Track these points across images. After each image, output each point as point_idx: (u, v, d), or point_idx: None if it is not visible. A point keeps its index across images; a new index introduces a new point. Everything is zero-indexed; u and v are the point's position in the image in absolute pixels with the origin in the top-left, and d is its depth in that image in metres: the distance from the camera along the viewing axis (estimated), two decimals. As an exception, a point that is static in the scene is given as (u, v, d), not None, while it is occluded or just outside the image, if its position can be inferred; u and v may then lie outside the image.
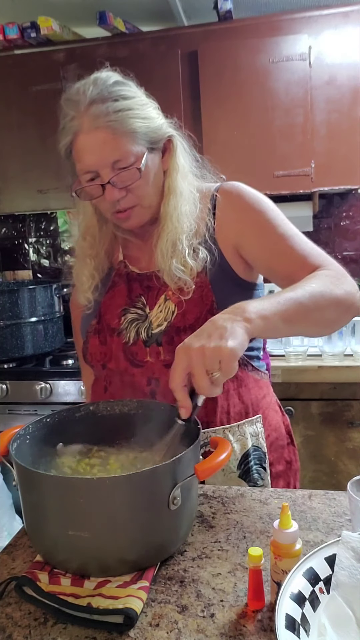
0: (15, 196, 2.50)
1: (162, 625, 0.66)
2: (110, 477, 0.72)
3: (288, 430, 1.19)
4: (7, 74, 2.39)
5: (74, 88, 0.98)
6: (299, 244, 1.01)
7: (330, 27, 2.14)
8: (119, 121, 0.94)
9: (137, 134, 0.96)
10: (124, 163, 0.96)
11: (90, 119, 0.94)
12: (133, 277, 1.10)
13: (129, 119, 0.95)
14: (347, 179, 2.20)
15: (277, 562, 0.66)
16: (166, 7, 2.36)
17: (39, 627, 0.67)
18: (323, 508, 0.90)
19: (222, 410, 1.06)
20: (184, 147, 1.06)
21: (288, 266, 1.00)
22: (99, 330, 1.10)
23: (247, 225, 1.04)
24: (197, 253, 1.02)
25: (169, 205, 1.03)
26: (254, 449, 1.09)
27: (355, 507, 0.72)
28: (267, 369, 1.19)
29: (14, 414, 2.18)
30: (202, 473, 0.72)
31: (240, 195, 1.05)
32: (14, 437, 0.81)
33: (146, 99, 1.01)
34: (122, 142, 0.95)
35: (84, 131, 0.95)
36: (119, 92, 0.96)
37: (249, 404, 1.09)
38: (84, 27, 2.43)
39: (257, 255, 1.04)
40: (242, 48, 2.18)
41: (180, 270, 1.01)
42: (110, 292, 1.11)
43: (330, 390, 2.03)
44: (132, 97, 0.98)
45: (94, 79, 0.98)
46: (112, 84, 0.97)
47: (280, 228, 1.02)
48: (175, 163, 1.04)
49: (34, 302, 2.26)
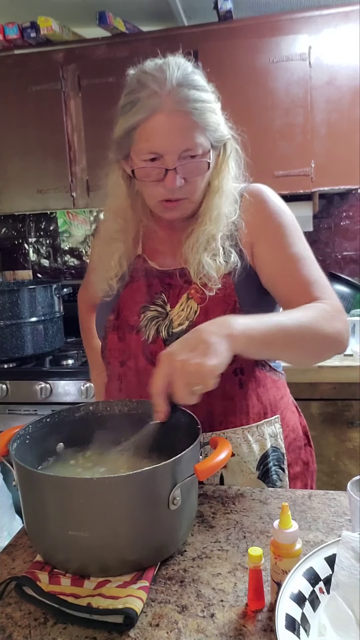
0: (15, 196, 2.49)
1: (162, 625, 0.66)
2: (110, 477, 0.72)
3: (305, 431, 1.18)
4: (7, 74, 2.39)
5: (151, 64, 0.95)
6: (307, 269, 0.99)
7: (330, 27, 2.13)
8: (200, 111, 0.93)
9: (209, 128, 0.95)
10: (192, 153, 0.94)
11: (174, 101, 0.91)
12: (153, 274, 1.07)
13: (207, 111, 0.94)
14: (347, 179, 2.20)
15: (277, 562, 0.66)
16: (166, 7, 2.36)
17: (39, 627, 0.67)
18: (323, 508, 0.90)
19: (242, 410, 1.04)
20: (237, 150, 1.05)
21: (290, 289, 0.99)
22: (118, 327, 1.07)
23: (263, 234, 1.02)
24: (228, 255, 1.01)
25: (212, 203, 1.01)
26: (273, 450, 1.07)
27: (355, 507, 0.72)
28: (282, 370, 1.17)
29: (14, 414, 2.18)
30: (202, 473, 0.72)
31: (264, 201, 1.04)
32: (14, 437, 0.81)
33: (216, 96, 1.00)
34: (197, 132, 0.93)
35: (165, 111, 0.91)
36: (200, 82, 0.95)
37: (267, 404, 1.07)
38: (84, 27, 2.43)
39: (264, 267, 1.02)
40: (242, 48, 2.18)
41: (209, 265, 0.99)
42: (129, 287, 1.08)
43: (330, 390, 2.03)
44: (209, 90, 0.97)
45: (176, 61, 0.95)
46: (192, 72, 0.95)
47: (294, 247, 1.00)
48: (226, 165, 1.03)
49: (34, 302, 2.25)
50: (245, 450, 1.04)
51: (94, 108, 2.31)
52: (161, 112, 0.91)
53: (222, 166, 1.02)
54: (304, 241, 1.03)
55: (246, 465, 1.04)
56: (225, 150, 1.02)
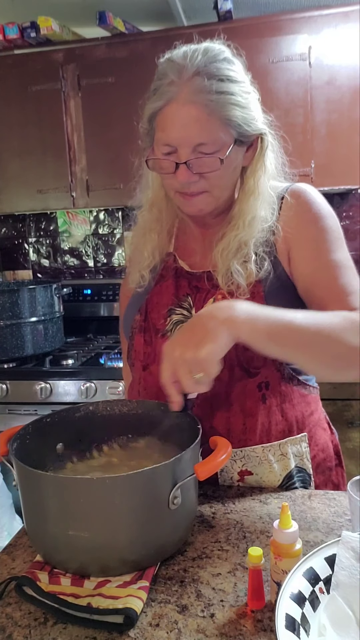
0: (15, 196, 2.49)
1: (162, 625, 0.66)
2: (110, 477, 0.72)
3: (337, 450, 1.10)
4: (7, 73, 2.39)
5: (180, 50, 0.90)
6: (346, 278, 0.93)
7: (330, 27, 2.13)
8: (219, 103, 0.86)
9: (231, 122, 0.88)
10: (208, 148, 0.88)
11: (190, 91, 0.86)
12: (182, 274, 1.03)
13: (229, 104, 0.87)
14: (347, 179, 2.20)
15: (277, 562, 0.66)
16: (166, 7, 2.36)
17: (39, 627, 0.67)
18: (323, 508, 0.90)
19: (263, 428, 0.97)
20: (273, 148, 0.98)
21: (325, 295, 0.92)
22: (145, 329, 1.03)
23: (304, 238, 0.96)
24: (261, 263, 0.94)
25: (246, 205, 0.95)
26: (298, 471, 1.00)
27: (355, 507, 0.72)
28: (316, 382, 1.08)
29: (14, 414, 2.18)
30: (202, 473, 0.72)
31: (308, 203, 0.98)
32: (13, 437, 0.81)
33: (250, 87, 0.94)
34: (214, 126, 0.87)
35: (180, 101, 0.86)
36: (226, 72, 0.88)
37: (293, 421, 0.99)
38: (84, 27, 2.43)
39: (300, 273, 0.96)
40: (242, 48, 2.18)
41: (239, 273, 0.93)
42: (158, 286, 1.04)
43: (331, 390, 2.03)
44: (239, 81, 0.90)
45: (205, 48, 0.89)
46: (222, 60, 0.89)
47: (335, 254, 0.94)
48: (262, 163, 0.96)
49: (34, 302, 2.25)
50: (265, 469, 0.98)
51: (93, 108, 2.31)
52: (176, 102, 0.87)
53: (257, 164, 0.96)
54: (345, 249, 0.96)
55: (266, 484, 0.99)
56: (262, 146, 0.96)
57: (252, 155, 0.97)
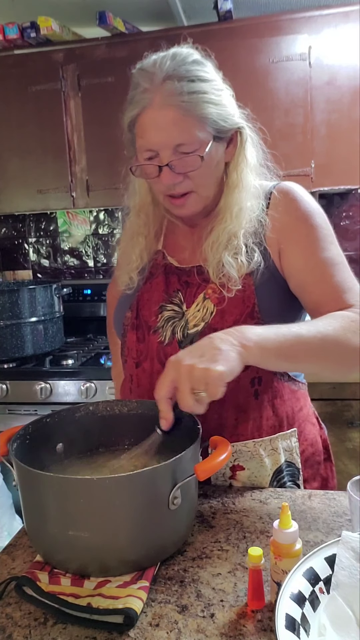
0: (15, 196, 2.49)
1: (162, 625, 0.66)
2: (110, 477, 0.72)
3: (325, 444, 1.12)
4: (7, 74, 2.39)
5: (150, 59, 0.93)
6: (341, 275, 0.94)
7: (330, 27, 2.13)
8: (192, 103, 0.89)
9: (207, 120, 0.91)
10: (187, 148, 0.91)
11: (163, 95, 0.89)
12: (171, 270, 1.05)
13: (202, 102, 0.90)
14: (347, 179, 2.20)
15: (277, 562, 0.66)
16: (166, 7, 2.36)
17: (39, 627, 0.67)
18: (323, 508, 0.90)
19: (254, 423, 0.99)
20: (252, 141, 1.00)
21: (320, 294, 0.94)
22: (137, 326, 1.04)
23: (295, 235, 0.97)
24: (251, 254, 0.96)
25: (231, 198, 0.98)
26: (287, 465, 1.03)
27: (355, 507, 0.72)
28: (304, 378, 1.11)
29: (14, 414, 2.18)
30: (202, 473, 0.72)
31: (296, 200, 0.99)
32: (13, 437, 0.81)
33: (222, 85, 0.96)
34: (190, 126, 0.90)
35: (154, 107, 0.89)
36: (196, 73, 0.91)
37: (283, 416, 1.02)
38: (84, 27, 2.43)
39: (293, 270, 0.97)
40: (242, 48, 2.18)
41: (230, 265, 0.95)
42: (148, 284, 1.06)
43: (330, 390, 2.03)
44: (210, 80, 0.93)
45: (173, 53, 0.92)
46: (191, 62, 0.92)
47: (327, 252, 0.96)
48: (243, 156, 0.99)
49: (34, 302, 2.25)
50: (256, 464, 1.00)
51: (93, 108, 2.31)
52: (151, 107, 0.90)
53: (238, 158, 0.99)
54: (337, 245, 0.98)
55: (257, 479, 1.00)
56: (241, 140, 0.98)
57: (233, 150, 0.99)
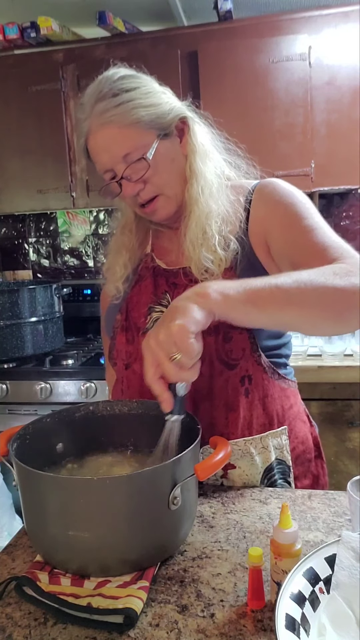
0: (15, 196, 2.50)
1: (162, 625, 0.66)
2: (110, 477, 0.72)
3: (316, 442, 1.12)
4: (6, 74, 2.39)
5: (86, 93, 0.98)
6: (322, 236, 0.92)
7: (330, 27, 2.14)
8: (121, 114, 0.93)
9: (141, 124, 0.94)
10: (135, 155, 0.94)
11: (96, 118, 0.94)
12: (159, 272, 1.06)
13: (130, 109, 0.93)
14: (347, 179, 2.20)
15: (277, 562, 0.66)
16: (166, 7, 2.36)
17: (39, 627, 0.67)
18: (323, 508, 0.90)
19: (245, 421, 1.00)
20: (200, 127, 1.02)
21: (307, 260, 0.90)
22: (127, 328, 1.06)
23: (276, 219, 0.98)
24: (227, 243, 0.97)
25: (192, 189, 0.99)
26: (278, 463, 1.03)
27: (355, 507, 0.72)
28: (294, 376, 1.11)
29: (14, 414, 2.18)
30: (202, 473, 0.72)
31: (274, 189, 1.01)
32: (13, 437, 0.81)
33: (151, 86, 0.98)
34: (128, 135, 0.94)
35: (92, 131, 0.95)
36: (120, 86, 0.94)
37: (273, 414, 1.02)
38: (84, 27, 2.43)
39: (281, 250, 0.97)
40: (242, 48, 2.18)
41: (209, 260, 0.96)
42: (137, 286, 1.08)
43: (330, 390, 2.03)
44: (135, 87, 0.96)
45: (99, 78, 0.97)
46: (116, 79, 0.95)
47: (306, 221, 0.95)
48: (193, 144, 1.00)
49: (34, 302, 2.26)
50: (247, 462, 1.00)
51: (94, 108, 2.31)
52: (91, 132, 0.96)
53: (188, 148, 1.01)
54: (316, 215, 0.97)
55: (248, 478, 1.01)
56: (187, 130, 1.00)
57: (181, 142, 1.01)
